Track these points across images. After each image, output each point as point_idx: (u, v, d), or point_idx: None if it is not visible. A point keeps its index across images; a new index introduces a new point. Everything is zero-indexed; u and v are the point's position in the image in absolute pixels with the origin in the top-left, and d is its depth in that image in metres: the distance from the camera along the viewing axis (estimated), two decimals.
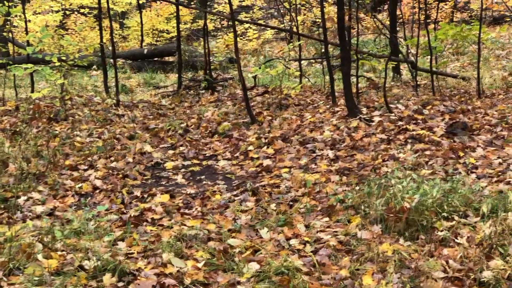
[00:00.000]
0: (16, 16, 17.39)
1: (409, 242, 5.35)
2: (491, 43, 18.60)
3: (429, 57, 12.66)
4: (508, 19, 22.48)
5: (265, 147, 8.75)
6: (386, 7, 21.14)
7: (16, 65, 12.97)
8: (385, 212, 5.77)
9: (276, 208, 6.48)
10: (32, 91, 13.51)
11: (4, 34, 18.82)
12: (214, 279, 4.93)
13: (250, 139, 9.13)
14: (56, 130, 10.11)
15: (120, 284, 4.88)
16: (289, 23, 16.92)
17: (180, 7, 15.80)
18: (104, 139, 9.57)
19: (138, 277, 4.94)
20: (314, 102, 11.41)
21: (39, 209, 6.89)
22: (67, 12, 19.77)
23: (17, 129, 10.01)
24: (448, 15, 21.07)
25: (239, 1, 20.34)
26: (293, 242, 5.51)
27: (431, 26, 14.91)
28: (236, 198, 7.00)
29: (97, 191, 7.49)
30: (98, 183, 7.70)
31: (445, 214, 5.75)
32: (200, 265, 5.14)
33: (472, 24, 13.97)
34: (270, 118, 10.27)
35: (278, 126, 9.70)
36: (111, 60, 14.37)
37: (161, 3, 21.79)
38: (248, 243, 5.51)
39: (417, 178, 6.57)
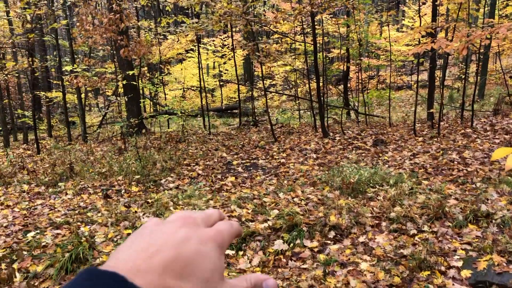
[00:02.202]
0: (159, 91, 17.78)
1: (353, 199, 5.34)
2: (396, 99, 18.44)
3: (365, 106, 12.57)
4: (405, 87, 22.22)
5: (281, 153, 8.79)
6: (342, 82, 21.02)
7: (160, 115, 13.21)
8: (341, 184, 5.78)
9: (287, 183, 6.53)
10: (168, 128, 13.74)
11: (154, 101, 19.17)
12: (256, 218, 4.98)
13: (274, 149, 9.18)
14: (179, 147, 10.29)
15: None
16: (295, 91, 16.90)
17: (241, 86, 16.03)
18: (203, 150, 9.70)
19: None
20: (306, 130, 11.44)
21: (171, 185, 7.02)
22: (185, 89, 20.05)
23: (161, 147, 10.20)
24: (374, 85, 20.87)
25: (270, 83, 20.34)
26: (296, 199, 5.54)
27: (367, 90, 14.86)
28: (267, 178, 7.06)
29: (200, 176, 7.60)
30: (200, 172, 7.81)
31: (371, 184, 5.74)
32: (249, 211, 5.20)
33: (386, 89, 13.87)
34: (284, 139, 10.31)
35: (288, 143, 9.73)
36: (206, 112, 14.54)
37: (231, 84, 21.97)
38: (273, 200, 5.55)
39: (357, 167, 6.56)
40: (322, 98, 10.06)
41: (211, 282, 0.39)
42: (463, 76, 13.85)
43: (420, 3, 12.39)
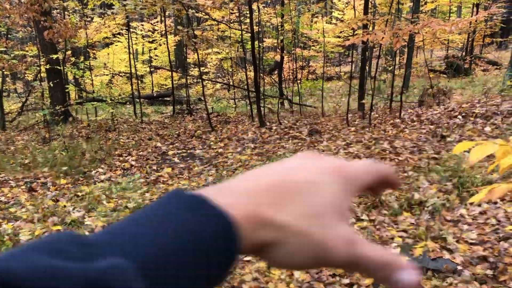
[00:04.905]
0: (85, 77, 16.85)
1: None
2: (326, 90, 18.94)
3: (299, 96, 12.74)
4: (335, 78, 22.91)
5: (219, 143, 8.68)
6: (276, 72, 21.20)
7: (87, 102, 12.56)
8: None
9: (226, 173, 6.44)
10: (96, 116, 13.09)
11: (81, 87, 18.19)
12: None
13: (211, 139, 9.04)
14: (110, 136, 9.82)
15: None
16: (228, 79, 16.80)
17: (173, 73, 15.60)
18: (135, 140, 9.33)
19: None
20: (243, 120, 11.39)
21: (102, 177, 6.68)
22: (113, 74, 19.18)
23: (89, 136, 9.68)
24: (305, 75, 21.28)
25: (203, 70, 20.03)
26: None
27: (299, 81, 15.06)
28: (206, 169, 6.93)
29: (133, 167, 7.30)
30: (133, 163, 7.50)
31: None
32: None
33: (318, 79, 14.18)
34: (221, 128, 10.20)
35: (225, 132, 9.63)
36: (137, 99, 14.02)
37: (162, 70, 21.35)
38: None
39: None
40: (258, 87, 10.03)
41: (321, 218, 0.30)
42: (390, 68, 14.50)
43: None
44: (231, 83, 14.18)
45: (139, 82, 22.53)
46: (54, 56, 11.44)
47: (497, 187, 1.64)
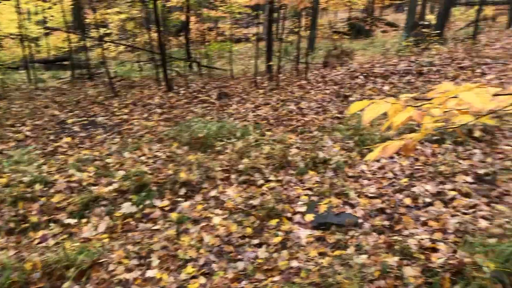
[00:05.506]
0: None
1: (203, 154, 5.29)
2: (235, 52, 18.80)
3: (207, 59, 12.47)
4: (243, 39, 22.79)
5: (123, 109, 8.25)
6: (183, 33, 20.51)
7: None
8: (190, 139, 5.67)
9: (132, 141, 6.16)
10: None
11: None
12: (99, 181, 4.60)
13: (114, 105, 8.56)
14: (0, 105, 8.91)
15: (45, 189, 4.42)
16: (133, 41, 15.98)
17: (71, 34, 14.44)
18: (30, 108, 8.55)
19: (56, 184, 4.50)
20: (148, 84, 10.92)
21: None
22: (2, 36, 17.27)
23: None
24: (214, 37, 20.88)
25: (104, 32, 18.73)
26: (142, 158, 5.27)
27: (207, 43, 14.73)
28: (109, 137, 6.57)
29: (28, 138, 6.70)
30: (28, 133, 6.89)
31: (219, 138, 5.75)
32: (91, 174, 4.77)
33: (226, 41, 13.99)
34: (125, 93, 9.69)
35: (129, 97, 9.17)
36: (31, 64, 12.82)
37: (58, 32, 19.64)
38: (118, 160, 5.18)
39: (204, 121, 6.51)
40: (163, 50, 9.62)
41: None
42: (297, 30, 14.67)
43: None
44: (135, 46, 13.45)
45: (34, 45, 20.61)
46: None
47: (390, 144, 1.69)
